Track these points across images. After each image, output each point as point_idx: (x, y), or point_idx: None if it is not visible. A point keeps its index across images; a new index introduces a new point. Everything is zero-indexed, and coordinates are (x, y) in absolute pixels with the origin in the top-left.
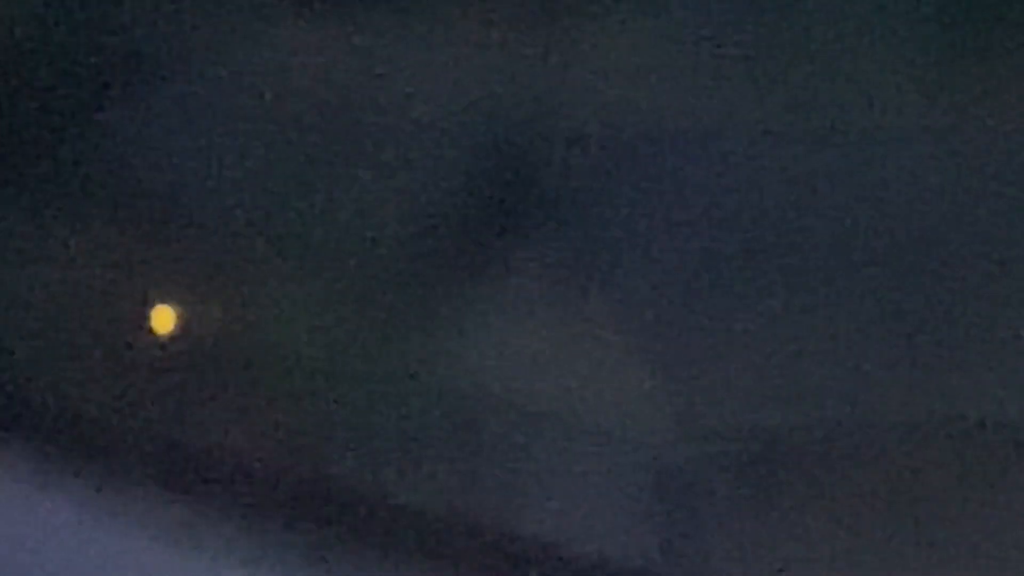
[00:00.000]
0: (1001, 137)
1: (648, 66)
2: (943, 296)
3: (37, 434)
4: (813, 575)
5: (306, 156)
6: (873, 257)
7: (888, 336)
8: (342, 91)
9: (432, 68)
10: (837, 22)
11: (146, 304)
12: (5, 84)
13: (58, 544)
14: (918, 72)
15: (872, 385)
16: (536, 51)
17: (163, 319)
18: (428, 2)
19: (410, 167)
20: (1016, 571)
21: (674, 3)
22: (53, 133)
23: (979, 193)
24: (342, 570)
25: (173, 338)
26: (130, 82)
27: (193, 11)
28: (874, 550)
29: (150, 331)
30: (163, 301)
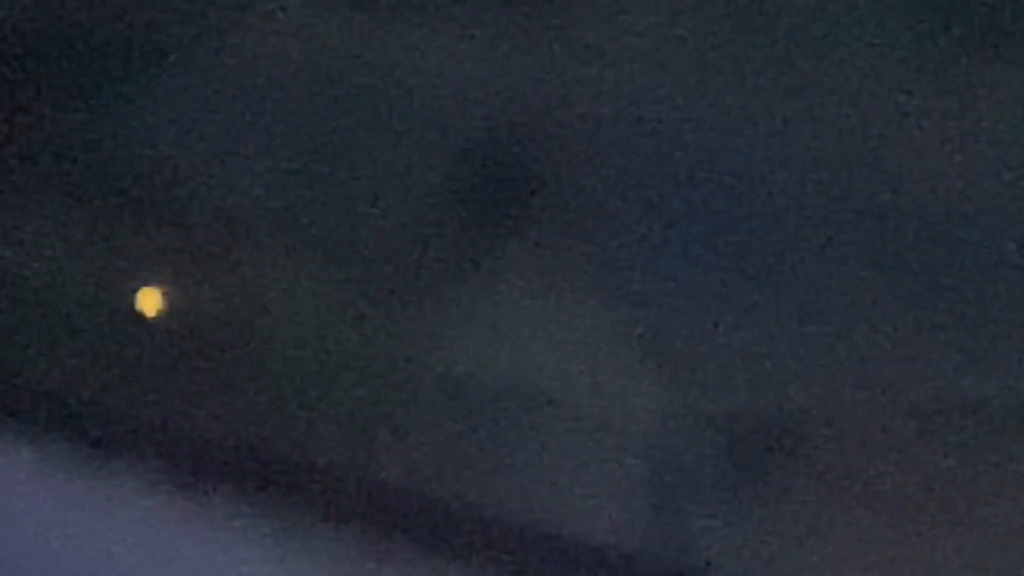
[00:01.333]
0: (1007, 129)
1: (651, 60)
2: (943, 284)
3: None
4: (807, 563)
5: (302, 144)
6: (872, 243)
7: (886, 323)
8: (342, 81)
9: (434, 62)
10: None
11: (141, 290)
12: (4, 74)
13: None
14: (923, 63)
15: (869, 372)
16: (538, 45)
17: (152, 304)
18: None
19: (409, 157)
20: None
21: None
22: (50, 121)
23: (983, 184)
24: (337, 555)
25: (167, 325)
26: (129, 70)
27: (190, 1)
28: (869, 538)
29: (145, 317)
30: (159, 287)
